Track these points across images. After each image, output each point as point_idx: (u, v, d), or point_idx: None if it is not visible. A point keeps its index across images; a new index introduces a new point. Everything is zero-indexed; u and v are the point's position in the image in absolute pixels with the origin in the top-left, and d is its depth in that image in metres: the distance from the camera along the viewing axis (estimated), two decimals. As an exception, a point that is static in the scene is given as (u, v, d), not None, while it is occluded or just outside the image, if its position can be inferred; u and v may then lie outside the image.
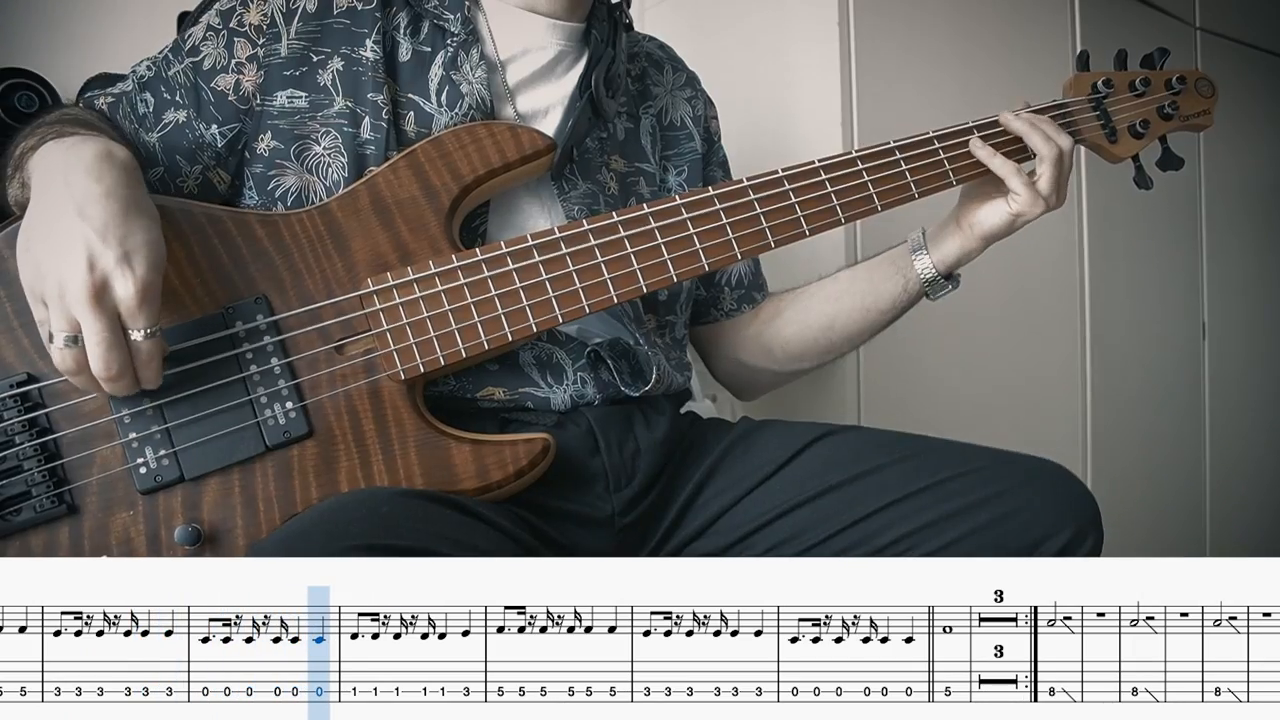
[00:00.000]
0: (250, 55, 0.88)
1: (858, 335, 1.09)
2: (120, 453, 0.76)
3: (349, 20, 0.90)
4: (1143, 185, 1.10)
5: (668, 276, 0.88)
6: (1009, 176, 0.97)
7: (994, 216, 0.99)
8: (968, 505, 0.86)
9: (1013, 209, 0.98)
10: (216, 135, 0.88)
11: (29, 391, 0.76)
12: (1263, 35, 2.46)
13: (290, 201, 0.87)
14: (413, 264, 0.83)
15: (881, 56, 1.55)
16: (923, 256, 1.03)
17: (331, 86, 0.89)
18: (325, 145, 0.88)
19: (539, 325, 0.84)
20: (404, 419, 0.81)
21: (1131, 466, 2.09)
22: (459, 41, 0.92)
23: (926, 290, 1.04)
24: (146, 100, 0.90)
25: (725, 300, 1.13)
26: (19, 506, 0.74)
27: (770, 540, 0.91)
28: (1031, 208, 0.97)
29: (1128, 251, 2.08)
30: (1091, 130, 1.06)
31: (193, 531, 0.75)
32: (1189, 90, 1.09)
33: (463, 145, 0.86)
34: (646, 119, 1.06)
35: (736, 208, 0.90)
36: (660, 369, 0.95)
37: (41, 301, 0.70)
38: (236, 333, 0.79)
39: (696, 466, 0.95)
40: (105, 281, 0.68)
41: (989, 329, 1.74)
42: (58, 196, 0.70)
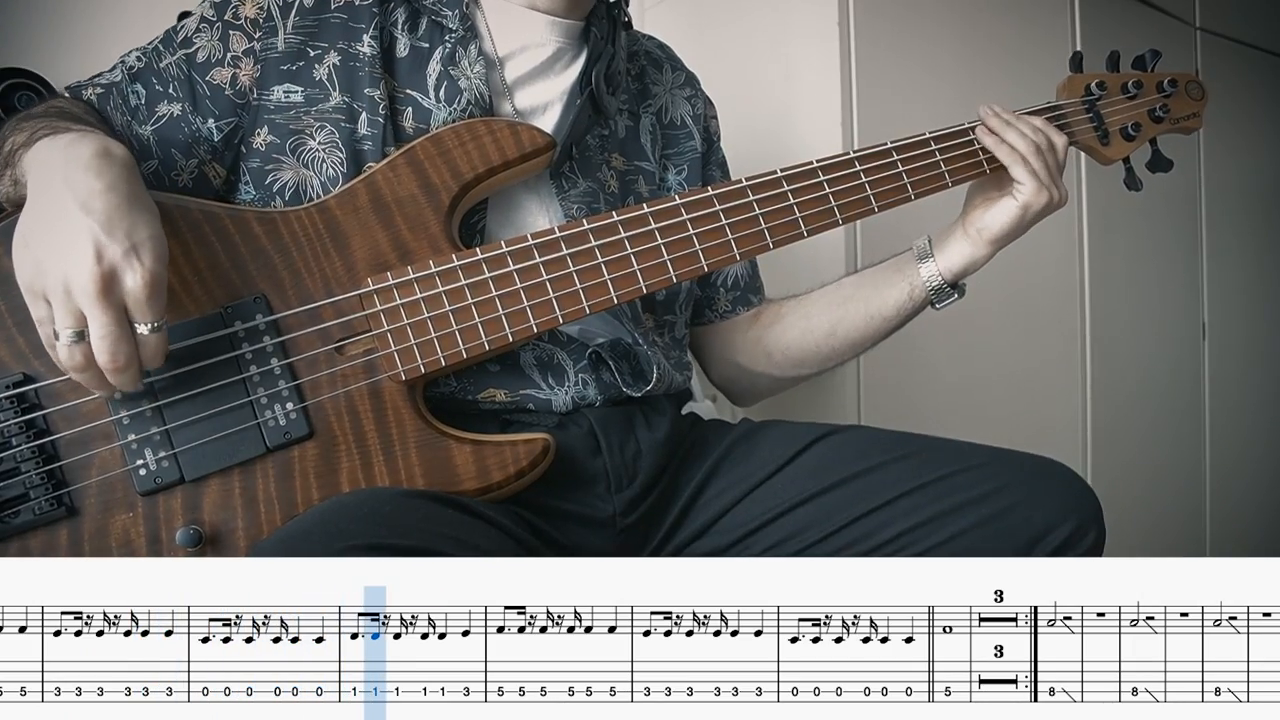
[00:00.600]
0: (246, 49, 0.88)
1: (860, 342, 1.08)
2: (119, 454, 0.76)
3: (346, 15, 0.90)
4: (1133, 187, 1.11)
5: (667, 277, 0.88)
6: (1013, 165, 0.97)
7: (1002, 216, 0.98)
8: (969, 500, 0.86)
9: (1019, 200, 0.97)
10: (213, 129, 0.88)
11: (26, 392, 0.75)
12: (1263, 35, 2.46)
13: (287, 196, 0.87)
14: (413, 263, 0.83)
15: (881, 56, 1.55)
16: (929, 264, 1.02)
17: (328, 81, 0.88)
18: (321, 140, 0.87)
19: (539, 326, 0.84)
20: (405, 420, 0.81)
21: (1131, 466, 2.09)
22: (457, 37, 0.92)
23: (932, 299, 1.03)
24: (138, 92, 0.89)
25: (720, 302, 1.13)
26: (18, 509, 0.74)
27: (771, 539, 0.91)
28: (1037, 197, 0.96)
29: (1128, 251, 2.08)
30: (1084, 132, 1.06)
31: (193, 533, 0.75)
32: (1180, 93, 1.10)
33: (462, 143, 0.86)
34: (646, 117, 1.06)
35: (736, 208, 0.90)
36: (661, 369, 0.95)
37: (43, 299, 0.69)
38: (236, 333, 0.79)
39: (698, 467, 0.95)
40: (114, 274, 0.67)
41: (989, 329, 1.74)
42: (58, 194, 0.69)
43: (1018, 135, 0.98)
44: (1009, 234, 0.99)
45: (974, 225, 1.00)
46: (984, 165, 1.00)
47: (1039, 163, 0.97)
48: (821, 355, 1.09)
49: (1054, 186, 0.97)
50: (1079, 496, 0.87)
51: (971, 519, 0.86)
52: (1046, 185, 0.97)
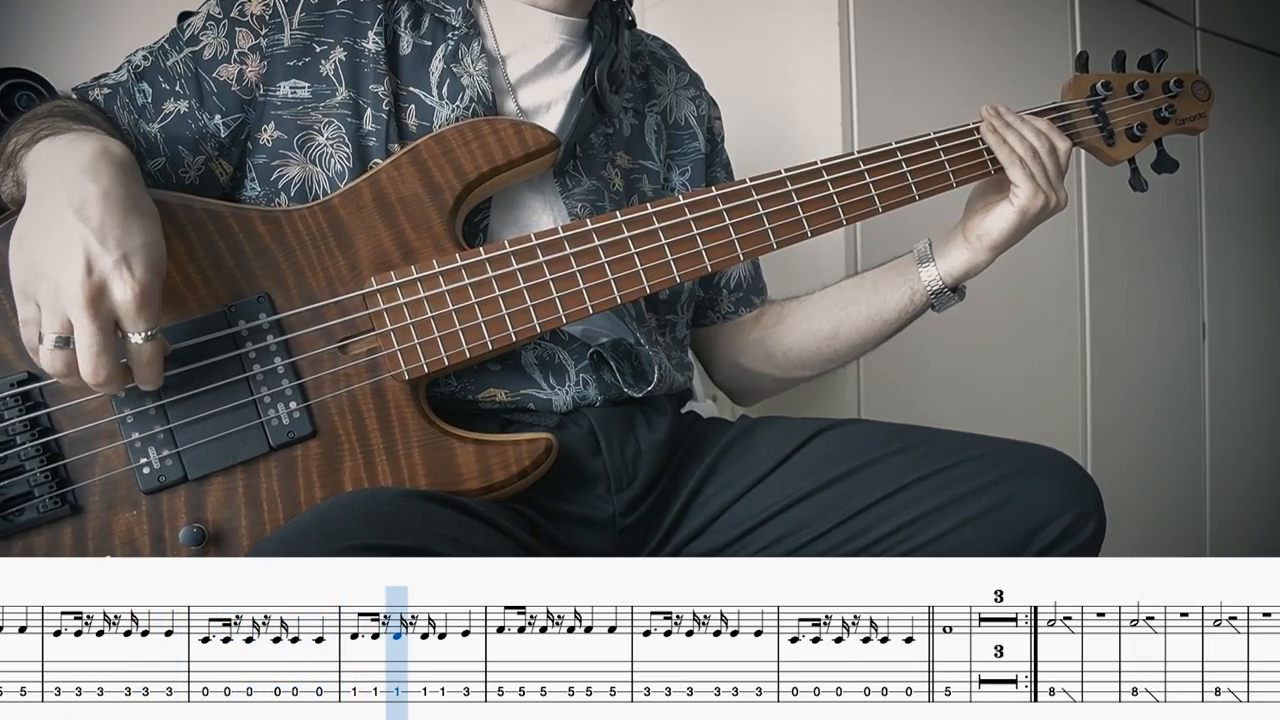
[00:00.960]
0: (253, 45, 0.88)
1: (862, 344, 1.08)
2: (123, 453, 0.76)
3: (351, 11, 0.90)
4: (1138, 188, 1.10)
5: (671, 277, 0.88)
6: (1010, 166, 0.97)
7: (1000, 221, 0.98)
8: (969, 491, 0.86)
9: (1015, 204, 0.97)
10: (220, 125, 0.88)
11: (30, 391, 0.75)
12: (1263, 35, 2.46)
13: (293, 192, 0.87)
14: (416, 262, 0.83)
15: (881, 56, 1.55)
16: (929, 268, 1.02)
17: (334, 77, 0.89)
18: (328, 136, 0.88)
19: (542, 325, 0.84)
20: (407, 419, 0.81)
21: (1131, 466, 2.09)
22: (460, 35, 0.92)
23: (933, 303, 1.03)
24: (145, 91, 0.89)
25: (723, 303, 1.13)
26: (21, 507, 0.74)
27: (771, 535, 0.91)
28: (1033, 200, 0.96)
29: (1128, 251, 2.08)
30: (1089, 132, 1.06)
31: (197, 532, 0.75)
32: (1186, 93, 1.10)
33: (466, 142, 0.86)
34: (651, 117, 1.06)
35: (739, 208, 0.90)
36: (662, 369, 0.95)
37: (32, 301, 0.69)
38: (239, 332, 0.79)
39: (697, 465, 0.95)
40: (103, 285, 0.67)
41: (990, 329, 1.74)
42: (55, 196, 0.69)
43: (1018, 138, 0.98)
44: (1008, 239, 0.99)
45: (974, 231, 1.00)
46: (988, 166, 1.00)
47: (1038, 166, 0.97)
48: (824, 357, 1.10)
49: (1052, 190, 0.97)
50: (1079, 486, 0.88)
51: (971, 511, 0.86)
52: (1044, 189, 0.97)
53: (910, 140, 0.98)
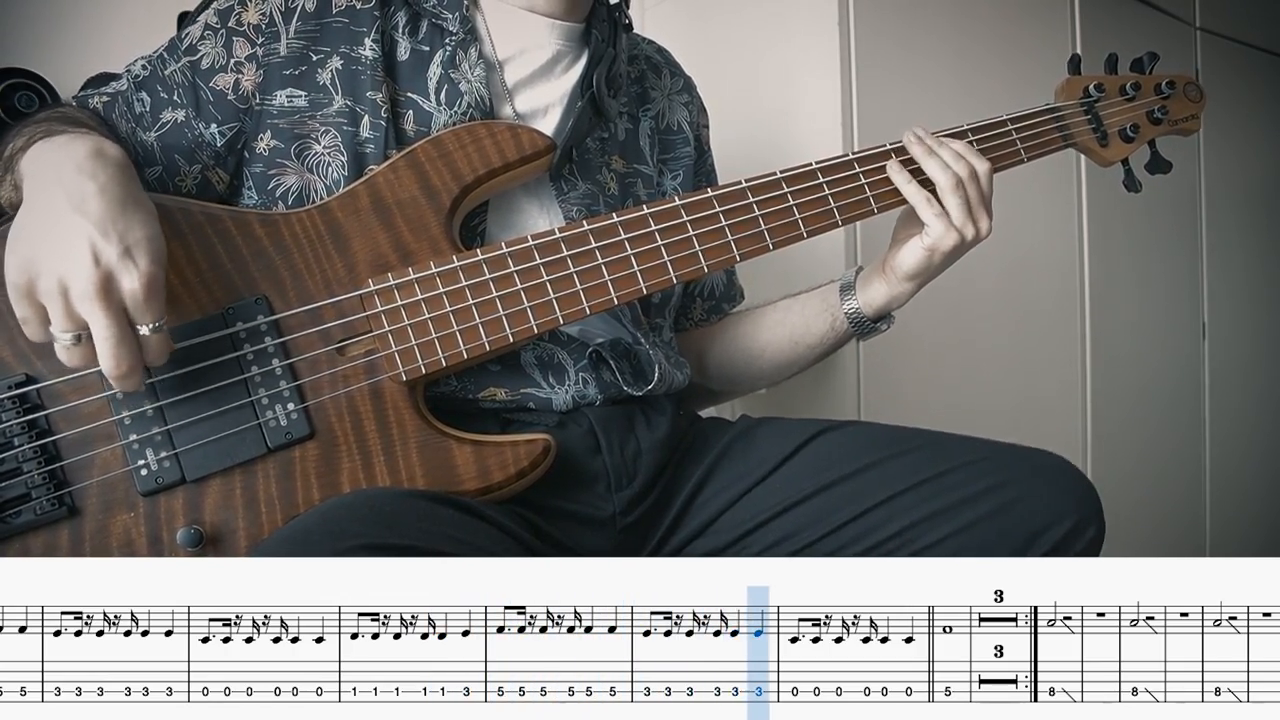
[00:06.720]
0: (249, 54, 0.88)
1: (786, 366, 1.07)
2: (121, 454, 0.76)
3: (348, 19, 0.90)
4: (1132, 188, 1.11)
5: (668, 278, 0.88)
6: (919, 206, 0.93)
7: (910, 256, 0.95)
8: (969, 496, 0.86)
9: (925, 244, 0.94)
10: (216, 135, 0.88)
11: (28, 393, 0.75)
12: (1263, 35, 2.46)
13: (291, 201, 0.88)
14: (413, 264, 0.83)
15: (881, 56, 1.56)
16: (851, 299, 1.01)
17: (331, 85, 0.89)
18: (325, 144, 0.88)
19: (540, 326, 0.84)
20: (405, 420, 0.81)
21: (1131, 466, 2.09)
22: (457, 41, 0.92)
23: (854, 333, 1.02)
24: (143, 99, 0.89)
25: (695, 310, 1.13)
26: (19, 508, 0.74)
27: (771, 537, 0.91)
28: (943, 240, 0.92)
29: (1128, 251, 2.08)
30: (1083, 134, 1.06)
31: (194, 533, 0.75)
32: (1178, 95, 1.11)
33: (463, 145, 0.86)
34: (645, 121, 1.06)
35: (735, 210, 0.90)
36: (662, 368, 0.95)
37: (32, 301, 0.68)
38: (237, 333, 0.79)
39: (697, 465, 0.95)
40: (110, 276, 0.67)
41: (989, 329, 1.74)
42: (52, 195, 0.69)
43: (938, 164, 0.93)
44: (921, 274, 0.96)
45: (890, 264, 0.98)
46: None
47: (957, 197, 0.92)
48: (751, 375, 1.10)
49: (969, 223, 0.93)
50: (1079, 491, 0.87)
51: (971, 515, 0.86)
52: (958, 225, 0.92)
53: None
